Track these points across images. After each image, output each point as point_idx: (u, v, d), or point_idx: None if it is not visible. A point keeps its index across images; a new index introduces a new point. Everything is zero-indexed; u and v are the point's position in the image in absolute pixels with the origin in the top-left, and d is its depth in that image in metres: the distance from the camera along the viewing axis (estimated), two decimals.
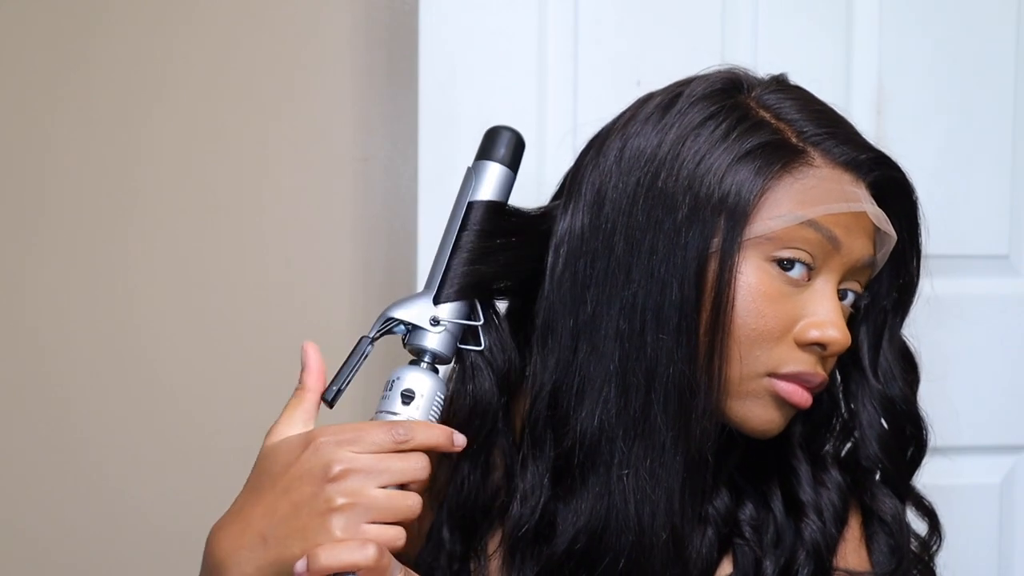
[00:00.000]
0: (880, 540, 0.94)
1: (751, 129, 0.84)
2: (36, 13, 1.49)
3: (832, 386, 0.95)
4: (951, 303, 1.48)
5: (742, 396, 0.85)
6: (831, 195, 0.84)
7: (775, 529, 0.91)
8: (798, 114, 0.87)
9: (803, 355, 0.85)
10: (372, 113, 1.54)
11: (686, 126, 0.85)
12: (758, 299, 0.83)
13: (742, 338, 0.83)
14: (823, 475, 0.93)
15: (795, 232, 0.83)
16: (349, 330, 1.54)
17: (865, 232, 0.87)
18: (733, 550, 0.90)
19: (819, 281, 0.85)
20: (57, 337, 1.51)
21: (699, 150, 0.84)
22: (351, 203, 1.54)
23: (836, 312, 0.85)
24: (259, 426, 1.54)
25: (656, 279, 0.83)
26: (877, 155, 0.89)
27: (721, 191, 0.82)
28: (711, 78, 0.90)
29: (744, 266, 0.83)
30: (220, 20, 1.51)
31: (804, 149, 0.85)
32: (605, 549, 0.84)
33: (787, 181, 0.84)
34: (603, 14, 1.40)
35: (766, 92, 0.88)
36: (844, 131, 0.88)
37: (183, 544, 1.53)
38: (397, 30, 1.52)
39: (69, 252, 1.51)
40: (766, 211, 0.83)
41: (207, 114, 1.51)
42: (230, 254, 1.53)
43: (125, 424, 1.52)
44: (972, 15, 1.47)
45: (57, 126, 1.50)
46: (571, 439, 0.84)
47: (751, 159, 0.83)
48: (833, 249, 0.85)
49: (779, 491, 0.92)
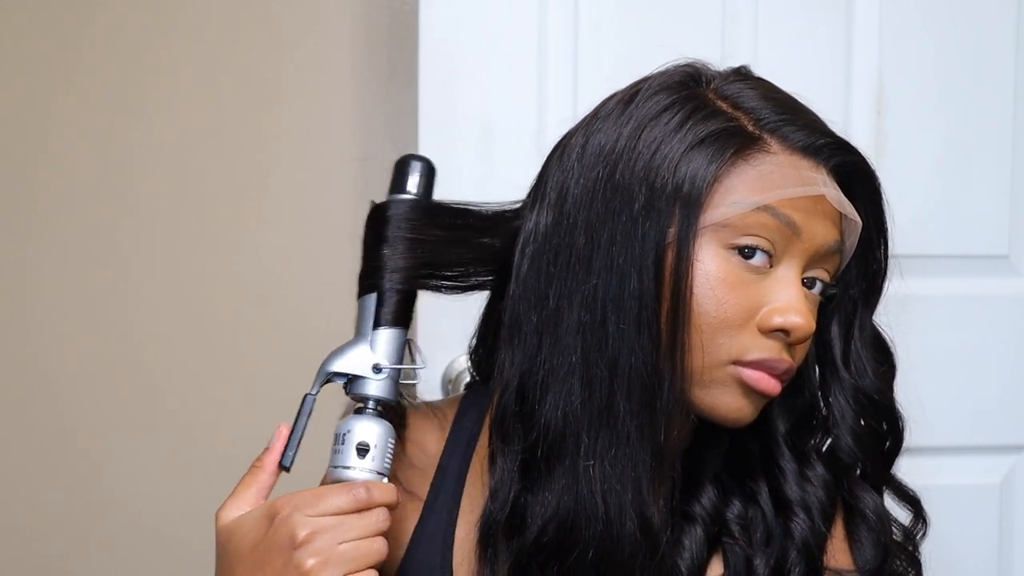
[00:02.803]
0: (863, 536, 0.93)
1: (705, 118, 0.84)
2: (33, 12, 1.49)
3: (813, 380, 0.95)
4: (951, 303, 1.48)
5: (708, 385, 0.84)
6: (787, 180, 0.83)
7: (765, 528, 0.91)
8: (756, 102, 0.86)
9: (767, 342, 0.84)
10: (372, 113, 1.54)
11: (643, 118, 0.85)
12: (717, 287, 0.83)
13: (703, 326, 0.83)
14: (808, 471, 0.92)
15: (752, 218, 0.83)
16: (349, 330, 1.54)
17: (827, 217, 0.86)
18: (723, 550, 0.90)
19: (781, 268, 0.85)
20: (56, 338, 1.51)
21: (654, 141, 0.84)
22: (351, 203, 1.53)
23: (799, 298, 0.84)
24: (258, 426, 1.54)
25: (616, 270, 0.83)
26: (836, 140, 0.87)
27: (675, 180, 0.82)
28: (669, 72, 0.90)
29: (702, 254, 0.83)
30: (220, 20, 1.51)
31: (760, 136, 0.85)
32: (574, 540, 0.84)
33: (742, 168, 0.83)
34: (603, 14, 1.40)
35: (725, 83, 0.88)
36: (803, 118, 0.87)
37: (180, 545, 1.53)
38: (397, 30, 1.52)
39: (68, 253, 1.51)
40: (721, 198, 0.83)
41: (207, 114, 1.51)
42: (230, 254, 1.53)
43: (125, 425, 1.52)
44: (972, 15, 1.47)
45: (55, 126, 1.50)
46: (537, 431, 0.85)
47: (704, 147, 0.83)
48: (793, 235, 0.84)
49: (766, 488, 0.92)
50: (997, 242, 1.49)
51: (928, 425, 1.51)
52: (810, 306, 0.87)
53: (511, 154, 1.39)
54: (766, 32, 1.42)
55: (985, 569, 1.50)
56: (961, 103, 1.47)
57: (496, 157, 1.39)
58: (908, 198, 1.46)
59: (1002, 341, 1.49)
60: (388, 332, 0.90)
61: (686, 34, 1.40)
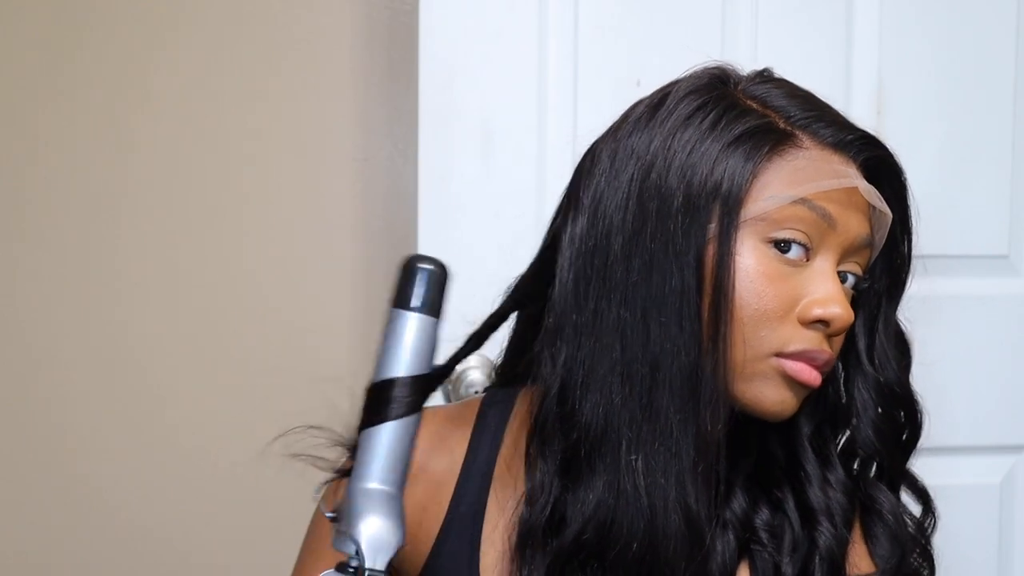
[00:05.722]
0: (879, 537, 0.94)
1: (739, 116, 0.86)
2: (31, 12, 1.49)
3: (836, 377, 0.95)
4: (951, 303, 1.48)
5: (751, 378, 0.85)
6: (821, 173, 0.85)
7: (792, 536, 0.92)
8: (784, 101, 0.88)
9: (808, 333, 0.85)
10: (372, 113, 1.54)
11: (675, 121, 0.87)
12: (757, 280, 0.84)
13: (745, 319, 0.84)
14: (830, 475, 0.93)
15: (789, 212, 0.84)
16: (349, 330, 1.54)
17: (859, 209, 0.87)
18: (751, 556, 0.91)
19: (818, 260, 0.86)
20: (52, 339, 1.51)
21: (689, 141, 0.85)
22: (351, 203, 1.54)
23: (837, 290, 0.86)
24: (258, 426, 1.54)
25: (656, 268, 0.84)
26: (865, 135, 0.90)
27: (713, 178, 0.84)
28: (698, 75, 0.92)
29: (741, 249, 0.84)
30: (220, 20, 1.51)
31: (792, 132, 0.87)
32: (616, 537, 0.84)
33: (777, 163, 0.85)
34: (603, 14, 1.40)
35: (752, 84, 0.90)
36: (830, 115, 0.90)
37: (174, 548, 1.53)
38: (397, 30, 1.52)
39: (65, 253, 1.51)
40: (758, 193, 0.84)
41: (206, 114, 1.51)
42: (230, 254, 1.53)
43: (121, 426, 1.52)
44: (972, 15, 1.47)
45: (52, 127, 1.50)
46: (578, 431, 0.86)
47: (740, 144, 0.85)
48: (828, 227, 0.85)
49: (792, 497, 0.93)
50: (997, 242, 1.49)
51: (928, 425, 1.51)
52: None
53: (511, 154, 1.39)
54: (766, 32, 1.42)
55: (985, 569, 1.50)
56: (961, 103, 1.47)
57: (496, 157, 1.39)
58: None
59: (1002, 341, 1.49)
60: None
61: (686, 34, 1.41)
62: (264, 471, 1.54)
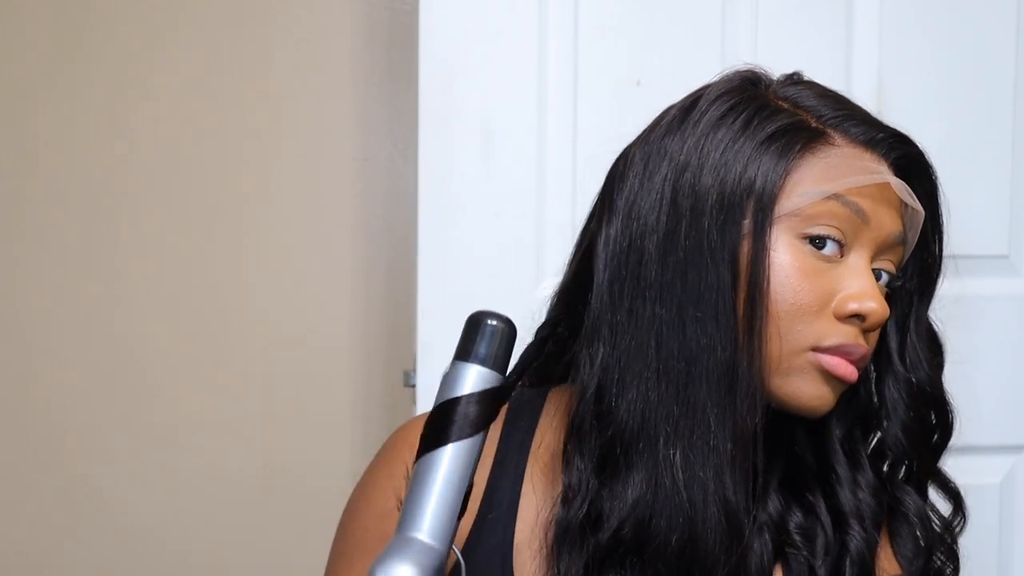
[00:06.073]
0: (904, 537, 0.95)
1: (771, 116, 0.87)
2: (30, 12, 1.49)
3: (868, 378, 0.96)
4: (951, 303, 1.48)
5: (788, 373, 0.86)
6: (853, 169, 0.86)
7: (824, 539, 0.92)
8: (814, 101, 0.90)
9: (844, 328, 0.86)
10: (372, 113, 1.54)
11: (708, 122, 0.88)
12: (793, 275, 0.85)
13: (781, 314, 0.85)
14: (860, 477, 0.94)
15: (823, 207, 0.85)
16: (349, 330, 1.54)
17: (892, 206, 0.89)
18: (785, 558, 0.91)
19: (852, 256, 0.87)
20: (55, 339, 1.51)
21: (722, 141, 0.87)
22: (351, 203, 1.54)
23: (872, 285, 0.87)
24: (258, 426, 1.54)
25: (691, 266, 0.85)
26: (896, 133, 0.91)
27: (747, 176, 0.85)
28: (729, 77, 0.93)
29: (776, 244, 0.85)
30: (220, 21, 1.51)
31: (824, 131, 0.88)
32: (654, 532, 0.85)
33: (810, 160, 0.86)
34: (603, 14, 1.40)
35: (783, 86, 0.92)
36: (861, 114, 0.91)
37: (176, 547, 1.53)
38: (397, 30, 1.52)
39: (65, 253, 1.51)
40: (791, 189, 0.86)
41: (206, 114, 1.51)
42: (230, 254, 1.53)
43: (125, 427, 1.52)
44: (972, 15, 1.46)
45: (52, 127, 1.50)
46: (614, 428, 0.86)
47: (773, 142, 0.86)
48: (862, 223, 0.86)
49: (823, 500, 0.94)
50: (997, 242, 1.49)
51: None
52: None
53: (511, 154, 1.39)
54: (766, 32, 1.42)
55: (985, 569, 1.50)
56: (961, 103, 1.47)
57: (496, 157, 1.39)
58: None
59: (1002, 341, 1.49)
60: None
61: (686, 34, 1.40)
62: (264, 471, 1.55)
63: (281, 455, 1.53)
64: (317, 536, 1.08)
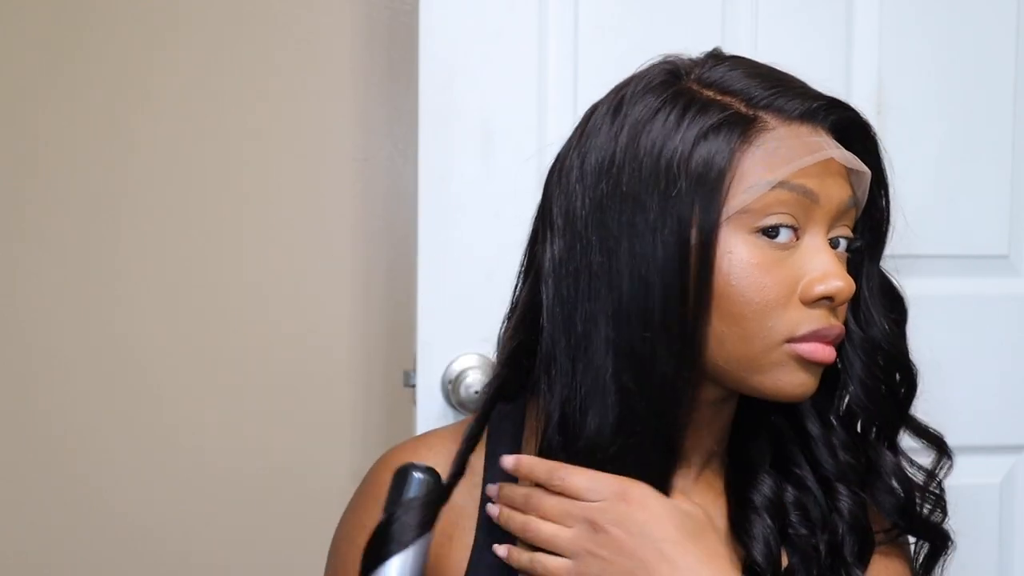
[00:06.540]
0: (882, 492, 0.94)
1: (700, 111, 0.85)
2: (29, 11, 1.49)
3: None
4: (951, 303, 1.48)
5: (767, 369, 0.85)
6: (795, 151, 0.84)
7: (820, 511, 0.92)
8: (742, 83, 0.87)
9: (814, 312, 0.85)
10: (372, 113, 1.54)
11: (636, 125, 0.86)
12: (753, 272, 0.84)
13: (750, 314, 0.84)
14: (834, 438, 0.94)
15: (770, 198, 0.84)
16: (349, 330, 1.54)
17: (838, 175, 0.87)
18: (789, 540, 0.91)
19: (807, 237, 0.86)
20: (55, 339, 1.51)
21: (655, 145, 0.84)
22: (351, 203, 1.54)
23: (833, 262, 0.85)
24: (258, 426, 1.54)
25: (639, 279, 0.83)
26: (828, 100, 0.88)
27: (687, 179, 0.83)
28: (649, 73, 0.90)
29: (731, 245, 0.84)
30: (219, 20, 1.51)
31: (756, 115, 0.85)
32: None
33: (748, 151, 0.84)
34: (603, 14, 1.40)
35: (705, 71, 0.88)
36: (791, 87, 0.88)
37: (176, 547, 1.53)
38: (397, 30, 1.52)
39: (64, 253, 1.51)
40: (736, 186, 0.83)
41: (206, 114, 1.51)
42: (230, 254, 1.53)
43: (124, 427, 1.52)
44: (972, 15, 1.46)
45: (51, 127, 1.50)
46: (583, 454, 0.86)
47: (708, 141, 0.83)
48: (812, 203, 0.85)
49: (810, 472, 0.94)
50: (997, 242, 1.49)
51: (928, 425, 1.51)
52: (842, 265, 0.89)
53: (511, 154, 1.38)
54: (766, 32, 1.42)
55: (985, 569, 1.50)
56: (961, 103, 1.47)
57: (496, 157, 1.38)
58: (908, 198, 1.46)
59: (1002, 341, 1.49)
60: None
61: (686, 34, 1.40)
62: (264, 471, 1.55)
63: (281, 455, 1.53)
64: (317, 536, 1.08)
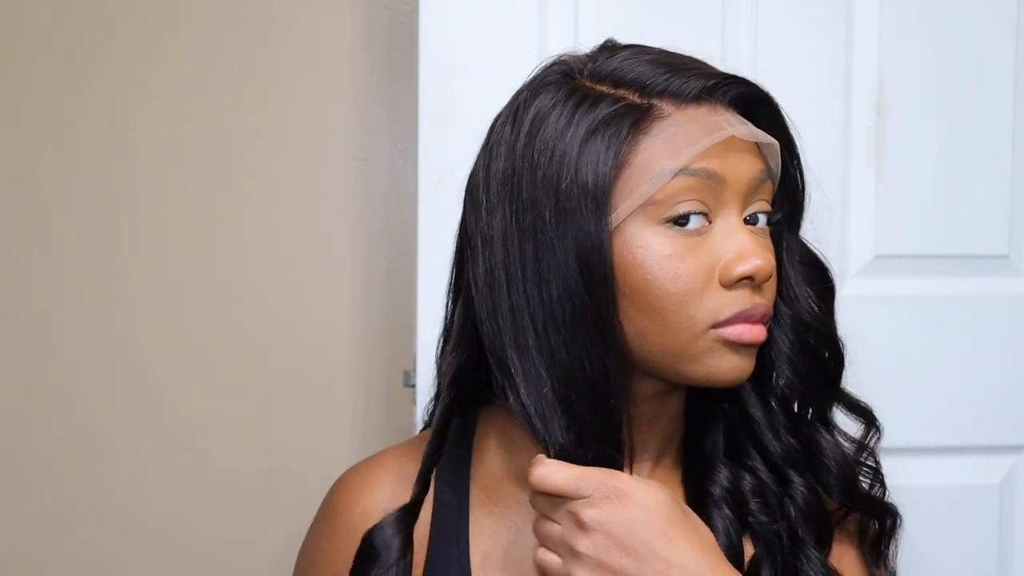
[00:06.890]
0: (824, 474, 0.93)
1: (591, 107, 0.83)
2: (29, 11, 1.49)
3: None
4: (951, 303, 1.48)
5: (697, 357, 0.84)
6: (692, 135, 0.82)
7: (776, 497, 0.91)
8: (634, 72, 0.85)
9: (736, 294, 0.83)
10: (372, 113, 1.54)
11: (530, 130, 0.85)
12: (668, 264, 0.82)
13: (670, 306, 0.82)
14: (776, 422, 0.92)
15: (675, 186, 0.82)
16: (349, 330, 1.54)
17: (744, 151, 0.85)
18: (751, 529, 0.90)
19: (720, 220, 0.84)
20: (55, 339, 1.51)
21: (547, 148, 0.83)
22: (351, 203, 1.54)
23: (749, 241, 0.84)
24: (258, 426, 1.54)
25: (544, 287, 0.82)
26: (724, 76, 0.86)
27: (580, 178, 0.81)
28: (541, 75, 0.89)
29: (642, 239, 0.82)
30: (219, 20, 1.51)
31: (650, 104, 0.83)
32: None
33: (645, 142, 0.82)
34: (603, 14, 1.40)
35: (599, 64, 0.87)
36: (684, 68, 0.85)
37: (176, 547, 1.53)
38: (397, 30, 1.52)
39: (64, 252, 1.51)
40: (639, 178, 0.82)
41: (206, 114, 1.51)
42: (230, 254, 1.53)
43: (124, 427, 1.52)
44: (972, 15, 1.46)
45: (51, 127, 1.50)
46: (556, 450, 0.85)
47: (599, 136, 0.82)
48: (719, 184, 0.83)
49: (760, 459, 0.92)
50: (997, 242, 1.49)
51: (928, 425, 1.51)
52: (763, 242, 0.87)
53: None
54: (766, 32, 1.42)
55: (985, 569, 1.50)
56: (961, 103, 1.47)
57: None
58: (908, 198, 1.46)
59: (1002, 341, 1.49)
60: None
61: (686, 34, 1.40)
62: (264, 471, 1.55)
63: (281, 455, 1.53)
64: None
